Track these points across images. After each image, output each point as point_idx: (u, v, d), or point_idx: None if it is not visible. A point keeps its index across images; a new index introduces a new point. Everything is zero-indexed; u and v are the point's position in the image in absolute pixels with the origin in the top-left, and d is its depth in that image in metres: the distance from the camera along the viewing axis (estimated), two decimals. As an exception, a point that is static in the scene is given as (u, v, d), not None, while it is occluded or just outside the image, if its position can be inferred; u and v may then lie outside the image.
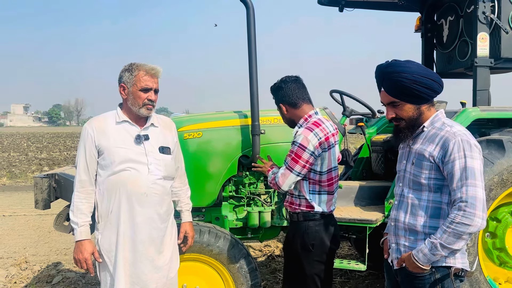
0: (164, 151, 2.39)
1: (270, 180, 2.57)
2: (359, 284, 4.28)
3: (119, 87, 2.34)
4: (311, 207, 2.50)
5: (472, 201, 1.76)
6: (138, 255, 2.31)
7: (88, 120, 2.42)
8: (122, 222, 2.28)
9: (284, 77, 2.62)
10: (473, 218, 1.75)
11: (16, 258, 5.28)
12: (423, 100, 1.92)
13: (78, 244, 2.30)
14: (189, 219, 2.63)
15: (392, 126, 4.18)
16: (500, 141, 3.12)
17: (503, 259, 3.20)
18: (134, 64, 2.33)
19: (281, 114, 2.65)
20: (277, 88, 2.60)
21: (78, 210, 2.30)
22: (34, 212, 7.79)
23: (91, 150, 2.30)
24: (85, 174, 2.30)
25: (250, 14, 2.97)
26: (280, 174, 2.45)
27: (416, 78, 1.86)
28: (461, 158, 1.80)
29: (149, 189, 2.30)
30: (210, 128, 3.28)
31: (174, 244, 2.50)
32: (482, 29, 3.36)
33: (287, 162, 2.44)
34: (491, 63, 3.40)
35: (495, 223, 3.21)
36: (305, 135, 2.40)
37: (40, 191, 3.06)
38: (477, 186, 1.78)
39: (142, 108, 2.31)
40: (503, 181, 3.06)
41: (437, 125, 1.92)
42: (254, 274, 2.95)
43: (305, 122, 2.53)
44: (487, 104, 3.44)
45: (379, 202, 3.36)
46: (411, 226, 1.94)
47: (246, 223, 3.35)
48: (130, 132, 2.33)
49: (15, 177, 13.49)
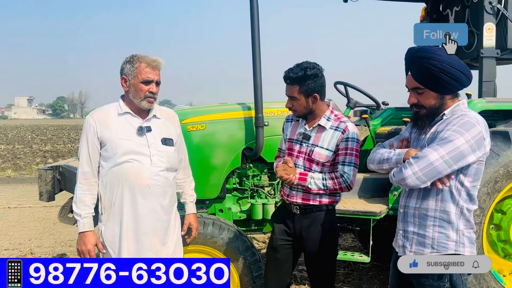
0: (166, 142, 2.37)
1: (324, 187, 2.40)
2: (363, 276, 4.29)
3: (121, 79, 2.32)
4: (334, 201, 2.52)
5: (419, 155, 1.80)
6: (141, 246, 2.31)
7: (90, 112, 2.41)
8: (125, 213, 2.28)
9: (312, 64, 2.41)
10: (404, 171, 1.82)
11: (22, 249, 5.32)
12: (448, 90, 1.88)
13: (81, 236, 2.30)
14: (193, 211, 2.62)
15: (397, 118, 4.18)
16: (506, 133, 3.10)
17: (507, 251, 3.19)
18: (135, 56, 2.31)
19: (305, 103, 2.42)
20: (314, 75, 2.37)
21: (81, 202, 2.30)
22: (39, 204, 7.82)
23: (94, 141, 2.29)
24: (88, 165, 2.30)
25: (253, 5, 2.95)
26: (351, 175, 2.39)
27: (444, 67, 1.82)
28: (449, 130, 1.80)
29: (152, 181, 2.29)
30: (213, 120, 3.27)
31: (177, 236, 2.50)
32: (489, 19, 3.32)
33: (351, 160, 2.39)
34: (497, 54, 3.36)
35: (500, 215, 3.19)
36: (356, 130, 2.44)
37: (44, 183, 3.08)
38: (435, 150, 1.78)
39: (144, 101, 2.29)
40: (508, 173, 3.04)
41: (457, 114, 1.89)
42: (258, 266, 2.96)
43: (331, 114, 2.49)
44: (493, 95, 3.41)
45: (383, 194, 3.35)
46: (421, 211, 1.93)
47: (250, 215, 3.35)
48: (133, 124, 2.32)
49: (20, 169, 13.57)
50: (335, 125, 2.44)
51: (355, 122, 4.18)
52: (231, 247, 2.90)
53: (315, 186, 2.40)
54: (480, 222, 3.04)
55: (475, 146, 1.79)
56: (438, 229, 1.90)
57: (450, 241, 1.89)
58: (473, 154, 1.80)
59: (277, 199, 3.37)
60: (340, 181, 2.39)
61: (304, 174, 2.43)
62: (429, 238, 1.91)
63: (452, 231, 1.89)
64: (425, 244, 1.92)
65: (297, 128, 2.56)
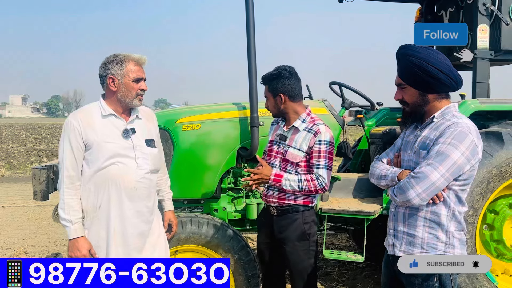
0: (150, 144, 2.35)
1: (299, 189, 2.44)
2: (357, 276, 4.31)
3: (108, 79, 2.24)
4: (309, 201, 2.52)
5: (419, 175, 1.80)
6: (129, 249, 2.28)
7: (71, 113, 2.34)
8: (113, 217, 2.24)
9: (283, 66, 2.55)
10: (407, 192, 1.82)
11: (15, 249, 5.29)
12: (428, 89, 1.91)
13: (73, 242, 2.20)
14: (171, 208, 2.63)
15: (391, 118, 4.20)
16: (499, 134, 3.12)
17: (500, 251, 3.21)
18: (119, 55, 2.26)
19: (273, 103, 2.57)
20: (277, 76, 2.51)
21: (70, 207, 2.21)
22: (33, 203, 7.78)
23: (78, 144, 2.20)
24: (73, 169, 2.21)
25: (249, 3, 2.95)
26: (326, 177, 2.44)
27: (421, 64, 1.86)
28: (444, 144, 1.80)
29: (138, 184, 2.26)
30: (208, 120, 3.27)
31: (162, 234, 2.48)
32: (483, 20, 3.34)
33: (325, 163, 2.44)
34: (491, 55, 3.39)
35: (493, 215, 3.22)
36: (329, 132, 2.47)
37: (38, 182, 3.05)
38: (435, 169, 1.79)
39: (135, 99, 2.27)
40: (501, 173, 3.07)
41: (447, 117, 1.90)
42: (252, 265, 2.96)
43: (307, 117, 2.53)
44: (486, 96, 3.43)
45: (377, 194, 3.37)
46: (412, 211, 1.94)
47: (245, 214, 3.35)
48: (117, 126, 2.27)
49: (14, 168, 13.49)
50: (309, 127, 2.50)
51: (350, 122, 4.20)
52: (226, 246, 2.90)
53: (290, 188, 2.46)
54: (473, 222, 3.06)
55: (470, 156, 1.81)
56: (428, 229, 1.91)
57: (440, 242, 1.90)
58: (468, 164, 1.83)
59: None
60: (316, 183, 2.44)
61: (279, 175, 2.47)
62: (419, 238, 1.92)
63: (442, 233, 1.90)
64: (414, 244, 1.93)
65: (277, 130, 2.65)
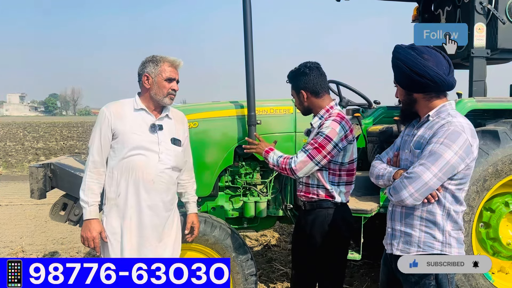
0: (175, 142, 2.46)
1: (276, 163, 2.52)
2: (354, 273, 4.32)
3: (143, 77, 2.41)
4: (331, 197, 2.49)
5: (412, 176, 1.82)
6: (143, 240, 2.36)
7: (106, 104, 2.46)
8: (130, 207, 2.34)
9: (307, 63, 2.56)
10: (401, 192, 1.84)
11: (13, 247, 5.29)
12: (409, 87, 1.96)
13: (86, 223, 2.34)
14: (195, 210, 2.70)
15: (388, 117, 4.22)
16: (495, 132, 3.13)
17: (496, 249, 3.23)
18: (157, 56, 2.43)
19: (298, 100, 2.61)
20: (300, 73, 2.54)
21: (90, 190, 2.34)
22: (30, 201, 7.78)
23: (107, 132, 2.36)
24: (98, 155, 2.36)
25: (246, 3, 2.95)
26: (299, 161, 2.41)
27: (398, 65, 1.93)
28: (437, 143, 1.81)
29: (156, 177, 2.36)
30: (206, 118, 3.27)
31: (176, 234, 2.54)
32: (479, 19, 3.35)
33: (309, 150, 2.41)
34: (488, 54, 3.40)
35: (489, 213, 3.23)
36: (333, 127, 2.40)
37: (35, 180, 3.05)
38: (427, 169, 1.80)
39: (166, 97, 2.40)
40: (497, 171, 3.08)
41: (442, 116, 1.91)
42: (250, 264, 2.97)
43: (326, 113, 2.52)
44: (483, 95, 3.44)
45: (374, 193, 3.38)
46: (408, 210, 1.95)
47: (242, 213, 3.35)
48: (146, 121, 2.40)
49: (11, 166, 13.47)
50: (322, 122, 2.50)
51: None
52: (223, 245, 2.91)
53: (271, 160, 2.54)
54: (470, 220, 3.07)
55: (464, 155, 1.82)
56: (425, 229, 1.92)
57: (436, 241, 1.91)
58: (462, 163, 1.83)
59: (269, 197, 3.39)
60: (287, 161, 2.46)
61: (271, 149, 2.58)
62: (416, 237, 1.93)
63: (438, 232, 1.91)
64: (411, 243, 1.94)
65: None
